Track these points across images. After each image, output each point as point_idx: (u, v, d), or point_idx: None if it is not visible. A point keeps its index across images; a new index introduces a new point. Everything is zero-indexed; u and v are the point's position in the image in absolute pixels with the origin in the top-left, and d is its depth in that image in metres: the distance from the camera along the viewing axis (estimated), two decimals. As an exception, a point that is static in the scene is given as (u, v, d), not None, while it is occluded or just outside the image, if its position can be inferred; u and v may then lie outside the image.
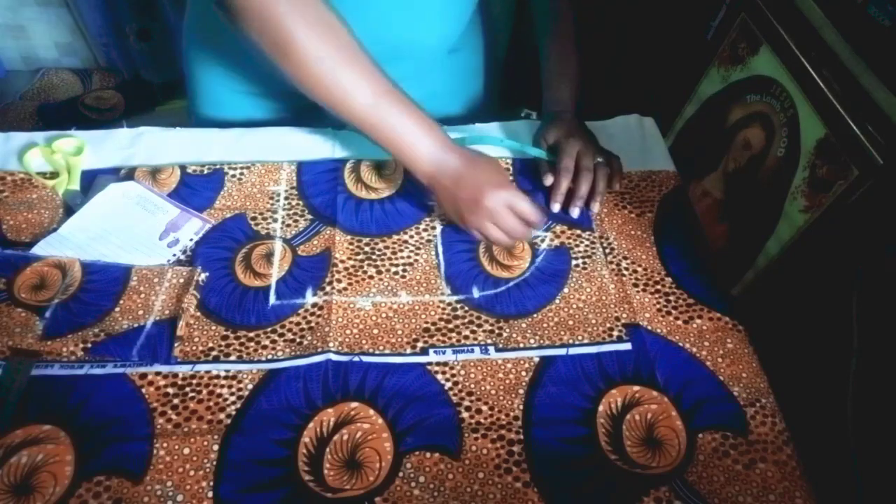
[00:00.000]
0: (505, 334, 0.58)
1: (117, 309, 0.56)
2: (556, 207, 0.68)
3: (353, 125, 0.60)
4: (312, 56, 0.56)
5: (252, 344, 0.56)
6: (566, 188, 0.68)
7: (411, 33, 0.71)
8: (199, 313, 0.57)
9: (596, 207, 0.69)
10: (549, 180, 0.70)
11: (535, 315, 0.59)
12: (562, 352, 0.57)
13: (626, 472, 0.50)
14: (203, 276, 0.60)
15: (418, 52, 0.75)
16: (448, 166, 0.60)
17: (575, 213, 0.68)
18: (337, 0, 0.64)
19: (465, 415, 0.52)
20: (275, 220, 0.66)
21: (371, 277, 0.62)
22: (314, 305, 0.59)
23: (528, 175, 0.73)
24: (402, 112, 0.59)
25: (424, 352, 0.56)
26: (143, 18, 1.74)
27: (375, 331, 0.57)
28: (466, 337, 0.57)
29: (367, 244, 0.64)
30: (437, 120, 0.82)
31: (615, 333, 0.58)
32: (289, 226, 0.66)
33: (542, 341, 0.57)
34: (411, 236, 0.66)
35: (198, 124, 0.84)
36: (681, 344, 0.58)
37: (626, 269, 0.64)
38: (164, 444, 0.49)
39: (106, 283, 0.58)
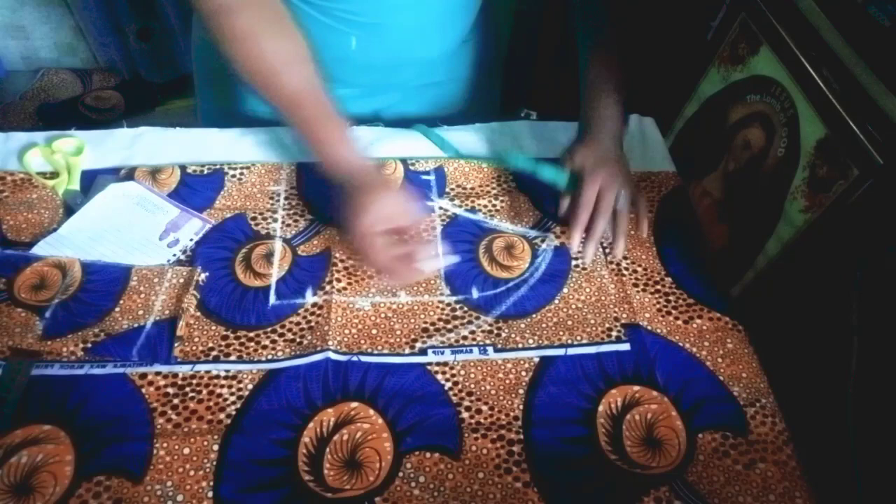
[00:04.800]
0: (504, 335, 0.58)
1: (117, 309, 0.56)
2: (575, 245, 0.63)
3: (277, 107, 0.60)
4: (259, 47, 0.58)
5: (252, 344, 0.56)
6: (585, 223, 0.62)
7: (411, 49, 0.73)
8: (199, 313, 0.57)
9: (619, 251, 0.63)
10: (562, 208, 0.66)
11: (534, 315, 0.59)
12: (560, 352, 0.57)
13: (626, 472, 0.50)
14: (203, 276, 0.60)
15: (418, 62, 0.76)
16: (358, 176, 0.59)
17: (588, 254, 0.63)
18: (336, 13, 0.66)
19: (465, 415, 0.52)
20: (275, 220, 0.66)
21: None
22: (314, 305, 0.59)
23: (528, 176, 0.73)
24: (322, 113, 0.60)
25: (423, 352, 0.56)
26: (143, 18, 1.74)
27: (374, 331, 0.57)
28: (465, 337, 0.57)
29: (367, 244, 0.64)
30: (439, 119, 0.82)
31: (614, 334, 0.58)
32: (289, 226, 0.66)
33: (540, 341, 0.57)
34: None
35: (204, 116, 0.84)
36: (681, 344, 0.58)
37: (626, 269, 0.64)
38: (164, 444, 0.49)
39: (106, 283, 0.58)
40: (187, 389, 0.52)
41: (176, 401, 0.52)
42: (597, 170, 0.63)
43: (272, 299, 0.59)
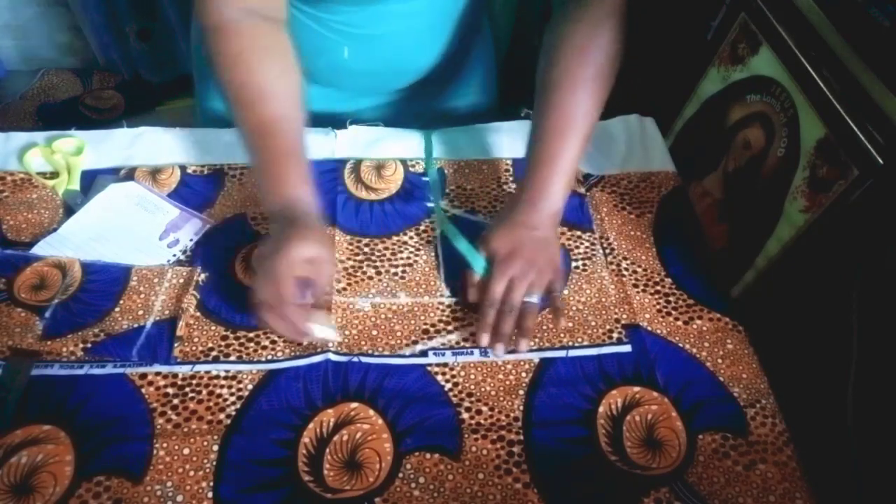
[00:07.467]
0: (505, 335, 0.58)
1: (117, 309, 0.56)
2: (483, 344, 0.55)
3: (246, 132, 0.58)
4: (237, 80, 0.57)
5: (252, 344, 0.56)
6: (491, 324, 0.55)
7: (403, 59, 0.73)
8: (198, 313, 0.57)
9: (523, 346, 0.55)
10: (471, 296, 0.58)
11: (534, 316, 0.59)
12: (561, 354, 0.57)
13: (626, 472, 0.50)
14: (203, 276, 0.60)
15: (412, 70, 0.76)
16: (284, 215, 0.55)
17: (498, 351, 0.55)
18: (330, 24, 0.65)
19: (465, 415, 0.52)
20: (275, 221, 0.66)
21: (370, 278, 0.62)
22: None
23: None
24: (287, 149, 0.57)
25: (424, 354, 0.56)
26: (143, 18, 1.74)
27: (374, 332, 0.57)
28: (465, 339, 0.57)
29: (366, 245, 0.64)
30: (439, 121, 0.82)
31: (615, 336, 0.58)
32: (289, 226, 0.66)
33: (541, 343, 0.57)
34: (411, 237, 0.66)
35: (204, 116, 0.84)
36: (681, 344, 0.58)
37: (626, 269, 0.64)
38: (164, 445, 0.49)
39: (106, 283, 0.58)
40: (187, 390, 0.52)
41: (176, 401, 0.51)
42: (510, 259, 0.56)
43: (272, 299, 0.59)
